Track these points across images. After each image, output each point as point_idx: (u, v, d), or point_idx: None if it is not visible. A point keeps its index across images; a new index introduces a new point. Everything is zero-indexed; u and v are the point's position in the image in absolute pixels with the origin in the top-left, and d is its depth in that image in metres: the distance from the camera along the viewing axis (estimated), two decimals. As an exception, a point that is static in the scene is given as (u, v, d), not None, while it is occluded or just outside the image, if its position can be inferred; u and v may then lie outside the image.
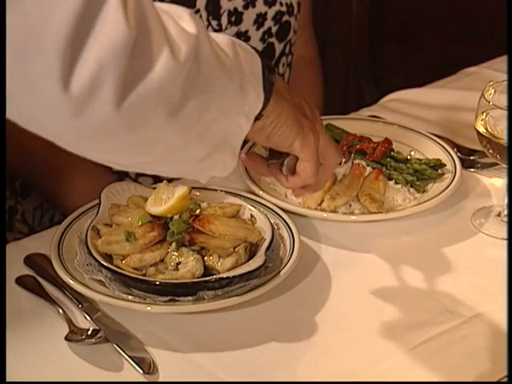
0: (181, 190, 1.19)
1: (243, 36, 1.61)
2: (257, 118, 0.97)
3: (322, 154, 1.11)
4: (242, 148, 0.98)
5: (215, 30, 1.58)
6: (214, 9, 1.57)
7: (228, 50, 0.92)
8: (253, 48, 0.98)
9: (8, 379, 1.00)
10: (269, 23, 1.63)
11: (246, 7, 1.60)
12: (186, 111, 0.85)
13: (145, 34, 0.79)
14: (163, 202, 1.20)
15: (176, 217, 1.19)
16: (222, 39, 0.93)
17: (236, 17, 1.59)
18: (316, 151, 1.09)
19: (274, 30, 1.65)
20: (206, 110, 0.88)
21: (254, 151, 1.19)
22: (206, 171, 0.98)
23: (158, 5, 0.85)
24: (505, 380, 1.04)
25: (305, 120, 1.07)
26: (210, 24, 1.57)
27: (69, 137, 0.82)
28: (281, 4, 1.64)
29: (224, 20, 1.58)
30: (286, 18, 1.66)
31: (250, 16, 1.60)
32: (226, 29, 1.59)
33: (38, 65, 0.75)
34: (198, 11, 1.55)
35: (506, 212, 1.32)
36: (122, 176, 1.61)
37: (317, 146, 1.09)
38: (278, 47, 1.67)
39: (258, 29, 1.62)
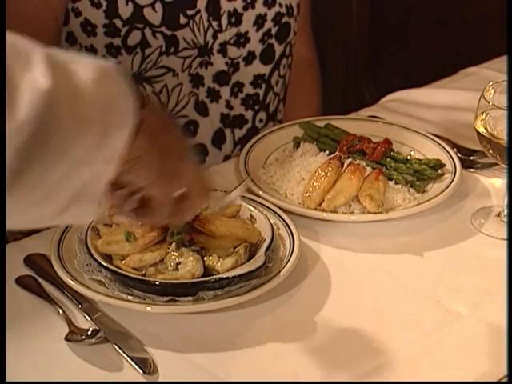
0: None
1: (243, 37, 1.61)
2: None
3: (189, 192, 1.02)
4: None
5: (215, 31, 1.58)
6: (214, 10, 1.57)
7: (93, 89, 0.83)
8: (125, 77, 0.90)
9: (7, 379, 1.00)
10: (268, 24, 1.64)
11: (245, 8, 1.60)
12: (22, 180, 0.78)
13: None
14: None
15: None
16: (88, 74, 0.83)
17: (236, 18, 1.59)
18: (171, 199, 1.01)
19: (273, 31, 1.65)
20: (51, 173, 0.81)
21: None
22: (62, 222, 0.92)
23: (11, 47, 0.78)
24: (504, 380, 1.04)
25: (168, 164, 0.98)
26: (210, 25, 1.57)
27: None
28: (280, 5, 1.64)
29: (224, 21, 1.58)
30: (285, 19, 1.66)
31: (249, 17, 1.61)
32: (226, 29, 1.59)
33: None
34: (198, 12, 1.55)
35: (505, 212, 1.32)
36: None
37: (175, 191, 1.01)
38: (278, 49, 1.68)
39: (257, 30, 1.63)
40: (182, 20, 1.54)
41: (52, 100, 0.77)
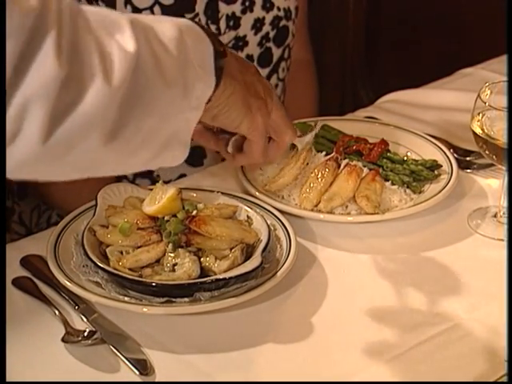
0: (170, 192, 1.20)
1: (241, 41, 1.61)
2: None
3: (275, 131, 1.14)
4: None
5: (214, 35, 1.58)
6: (212, 13, 1.57)
7: (174, 47, 0.92)
8: (205, 29, 0.99)
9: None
10: (267, 28, 1.64)
11: (243, 12, 1.60)
12: (123, 131, 0.86)
13: (77, 68, 0.80)
14: (156, 201, 1.20)
15: (172, 218, 1.19)
16: (169, 32, 0.92)
17: (234, 21, 1.59)
18: (264, 132, 1.11)
19: (271, 34, 1.65)
20: (145, 123, 0.89)
21: (204, 124, 1.18)
22: (155, 166, 0.99)
23: (97, 15, 0.86)
24: (502, 380, 1.04)
25: (255, 100, 1.09)
26: (208, 28, 1.57)
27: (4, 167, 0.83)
28: (278, 9, 1.64)
29: (222, 24, 1.58)
30: (283, 22, 1.66)
31: (247, 21, 1.61)
32: (224, 33, 1.59)
33: None
34: (196, 15, 1.55)
35: (504, 213, 1.32)
36: (119, 177, 1.61)
37: (265, 126, 1.11)
38: (276, 52, 1.68)
39: (255, 34, 1.63)
40: None
41: (139, 62, 0.85)
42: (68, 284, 1.14)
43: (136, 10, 1.50)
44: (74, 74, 0.80)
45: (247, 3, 1.59)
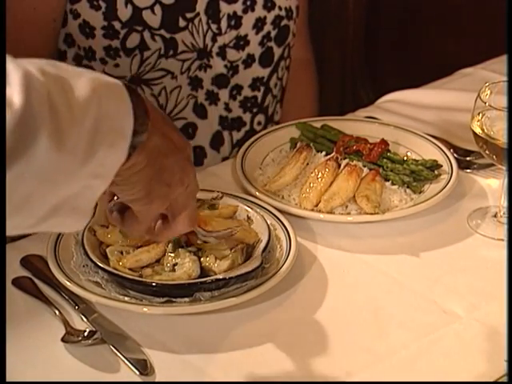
0: None
1: (243, 40, 1.61)
2: None
3: (172, 215, 1.04)
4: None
5: (215, 34, 1.58)
6: (213, 13, 1.57)
7: (81, 107, 0.83)
8: (134, 95, 0.89)
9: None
10: (268, 27, 1.64)
11: (245, 11, 1.60)
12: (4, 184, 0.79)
13: None
14: None
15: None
16: (82, 90, 0.83)
17: (235, 21, 1.59)
18: (152, 218, 1.03)
19: (273, 34, 1.65)
20: (24, 183, 0.81)
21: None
22: (40, 229, 0.89)
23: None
24: (502, 380, 1.04)
25: (159, 187, 0.98)
26: (209, 28, 1.57)
27: None
28: (280, 8, 1.64)
29: (223, 24, 1.58)
30: (284, 22, 1.66)
31: (249, 20, 1.61)
32: (225, 32, 1.59)
33: None
34: (197, 15, 1.55)
35: (504, 213, 1.32)
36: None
37: (157, 214, 1.02)
38: (277, 51, 1.68)
39: (257, 33, 1.62)
40: (181, 23, 1.54)
41: (25, 116, 0.78)
42: (68, 284, 1.14)
43: (137, 9, 1.50)
44: None
45: (248, 2, 1.59)
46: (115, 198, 1.03)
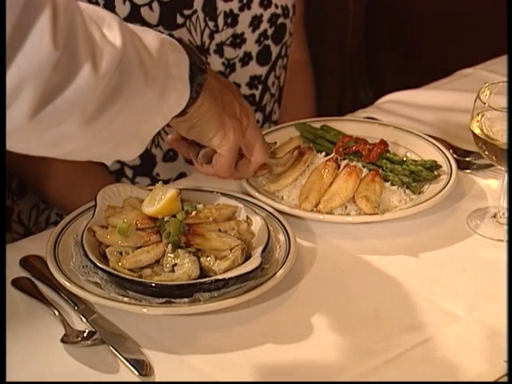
0: (170, 193, 1.19)
1: (239, 38, 1.61)
2: (181, 114, 1.07)
3: (249, 149, 1.21)
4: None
5: (212, 32, 1.58)
6: (210, 10, 1.57)
7: (156, 54, 0.99)
8: (186, 46, 1.06)
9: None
10: (264, 25, 1.64)
11: (241, 9, 1.60)
12: (98, 120, 0.93)
13: (70, 53, 0.87)
14: (156, 202, 1.20)
15: (172, 218, 1.19)
16: (152, 41, 0.99)
17: (232, 19, 1.59)
18: (233, 150, 1.17)
19: (269, 32, 1.65)
20: (119, 117, 0.96)
21: (179, 134, 1.24)
22: (110, 159, 1.06)
23: (90, 10, 0.92)
24: (502, 380, 1.04)
25: (229, 119, 1.15)
26: (207, 25, 1.57)
27: None
28: (276, 6, 1.64)
29: (220, 21, 1.59)
30: (281, 20, 1.66)
31: (245, 18, 1.61)
32: (222, 30, 1.59)
33: None
34: (195, 12, 1.55)
35: (503, 213, 1.32)
36: (119, 176, 1.61)
37: (236, 145, 1.17)
38: (275, 49, 1.68)
39: (253, 31, 1.63)
40: (179, 20, 1.54)
41: (124, 57, 0.92)
42: (67, 284, 1.14)
43: (135, 6, 1.50)
44: (66, 58, 0.86)
45: (245, 0, 1.60)
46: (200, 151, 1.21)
